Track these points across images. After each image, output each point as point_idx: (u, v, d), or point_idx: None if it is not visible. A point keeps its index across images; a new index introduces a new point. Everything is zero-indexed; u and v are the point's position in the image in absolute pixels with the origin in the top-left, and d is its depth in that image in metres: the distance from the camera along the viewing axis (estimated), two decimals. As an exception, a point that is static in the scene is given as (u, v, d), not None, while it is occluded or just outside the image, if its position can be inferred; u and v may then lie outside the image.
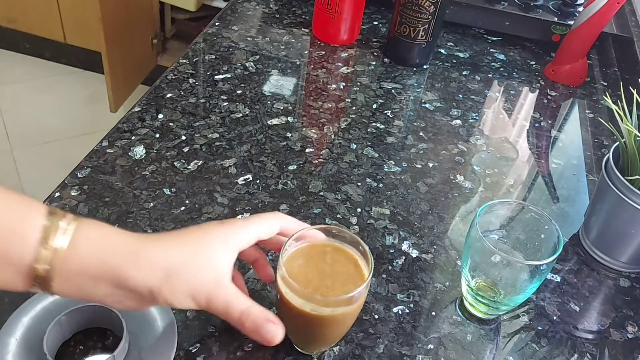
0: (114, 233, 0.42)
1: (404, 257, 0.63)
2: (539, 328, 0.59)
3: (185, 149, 0.72)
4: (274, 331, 0.43)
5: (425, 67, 0.97)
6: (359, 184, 0.72)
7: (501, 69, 1.00)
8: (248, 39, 0.96)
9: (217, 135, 0.75)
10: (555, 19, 1.03)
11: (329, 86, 0.89)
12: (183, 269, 0.41)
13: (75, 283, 0.40)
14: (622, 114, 0.62)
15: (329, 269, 0.49)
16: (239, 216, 0.65)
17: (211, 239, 0.44)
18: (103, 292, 0.41)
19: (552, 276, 0.65)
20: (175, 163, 0.70)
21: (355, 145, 0.78)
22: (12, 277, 0.39)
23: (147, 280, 0.40)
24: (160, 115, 0.77)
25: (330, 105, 0.85)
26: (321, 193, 0.70)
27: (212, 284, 0.42)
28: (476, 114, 0.88)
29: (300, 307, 0.46)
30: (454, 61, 1.00)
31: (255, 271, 0.59)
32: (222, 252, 0.44)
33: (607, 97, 0.69)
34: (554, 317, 0.60)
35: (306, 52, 0.96)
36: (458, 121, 0.86)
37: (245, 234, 0.46)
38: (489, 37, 1.09)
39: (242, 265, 0.59)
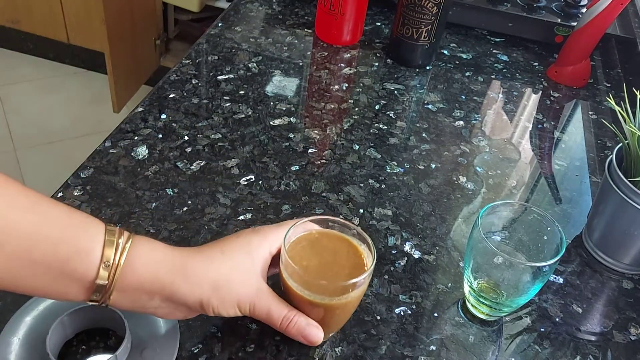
0: (163, 249, 0.45)
1: (406, 258, 0.63)
2: (542, 330, 0.59)
3: (188, 150, 0.73)
4: (317, 334, 0.49)
5: (428, 68, 0.97)
6: (362, 185, 0.72)
7: (504, 70, 1.00)
8: (251, 39, 0.96)
9: (220, 135, 0.76)
10: (558, 20, 1.03)
11: (331, 87, 0.89)
12: (227, 282, 0.46)
13: (130, 296, 0.44)
14: (625, 115, 0.62)
15: (331, 258, 0.50)
16: (241, 216, 0.65)
17: (249, 247, 0.48)
18: (156, 305, 0.45)
19: (555, 278, 0.64)
20: (177, 163, 0.70)
21: (357, 146, 0.78)
22: (75, 291, 0.42)
23: (196, 293, 0.45)
24: (163, 116, 0.77)
25: (332, 106, 0.85)
26: (324, 194, 0.70)
27: (254, 293, 0.47)
28: (479, 115, 0.88)
29: (304, 296, 0.47)
30: (457, 62, 1.00)
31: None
32: (259, 260, 0.48)
33: (610, 98, 0.69)
34: (557, 319, 0.60)
35: (309, 53, 0.96)
36: (461, 122, 0.86)
37: (278, 235, 0.50)
38: (491, 38, 1.09)
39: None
